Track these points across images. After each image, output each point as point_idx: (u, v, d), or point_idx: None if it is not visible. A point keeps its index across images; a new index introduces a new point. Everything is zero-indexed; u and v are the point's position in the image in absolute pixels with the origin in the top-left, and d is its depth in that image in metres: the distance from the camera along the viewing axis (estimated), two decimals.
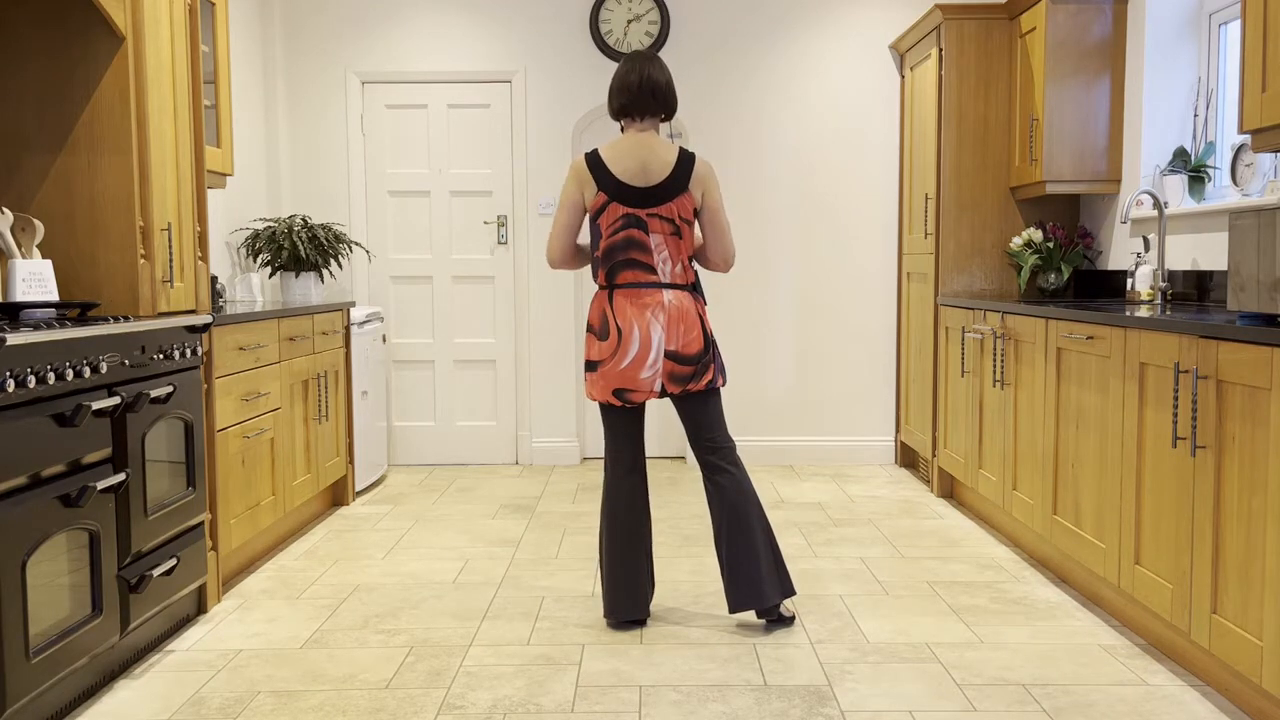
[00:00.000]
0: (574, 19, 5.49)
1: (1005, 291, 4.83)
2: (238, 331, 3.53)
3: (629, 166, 3.05)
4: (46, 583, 2.37)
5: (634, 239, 3.06)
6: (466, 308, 5.64)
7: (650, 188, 3.04)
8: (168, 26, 3.18)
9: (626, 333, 3.05)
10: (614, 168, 3.05)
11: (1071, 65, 4.36)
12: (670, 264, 3.08)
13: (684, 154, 3.07)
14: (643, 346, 3.04)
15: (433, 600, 3.38)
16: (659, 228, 3.06)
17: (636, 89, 3.08)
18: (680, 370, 3.06)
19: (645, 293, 3.06)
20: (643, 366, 3.05)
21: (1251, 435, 2.37)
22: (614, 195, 3.05)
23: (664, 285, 3.07)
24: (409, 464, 5.67)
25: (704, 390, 3.11)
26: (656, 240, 3.06)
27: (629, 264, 3.07)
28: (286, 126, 5.55)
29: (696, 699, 2.60)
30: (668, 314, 3.05)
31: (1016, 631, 3.05)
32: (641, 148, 3.06)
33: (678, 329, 3.05)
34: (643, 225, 3.05)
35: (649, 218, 3.05)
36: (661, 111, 3.12)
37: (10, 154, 3.02)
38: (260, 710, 2.56)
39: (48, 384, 2.38)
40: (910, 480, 5.17)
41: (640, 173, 3.05)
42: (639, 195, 3.04)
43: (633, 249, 3.06)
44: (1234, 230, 2.58)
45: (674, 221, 3.06)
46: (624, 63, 3.14)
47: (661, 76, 3.11)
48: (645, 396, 3.09)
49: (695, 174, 3.06)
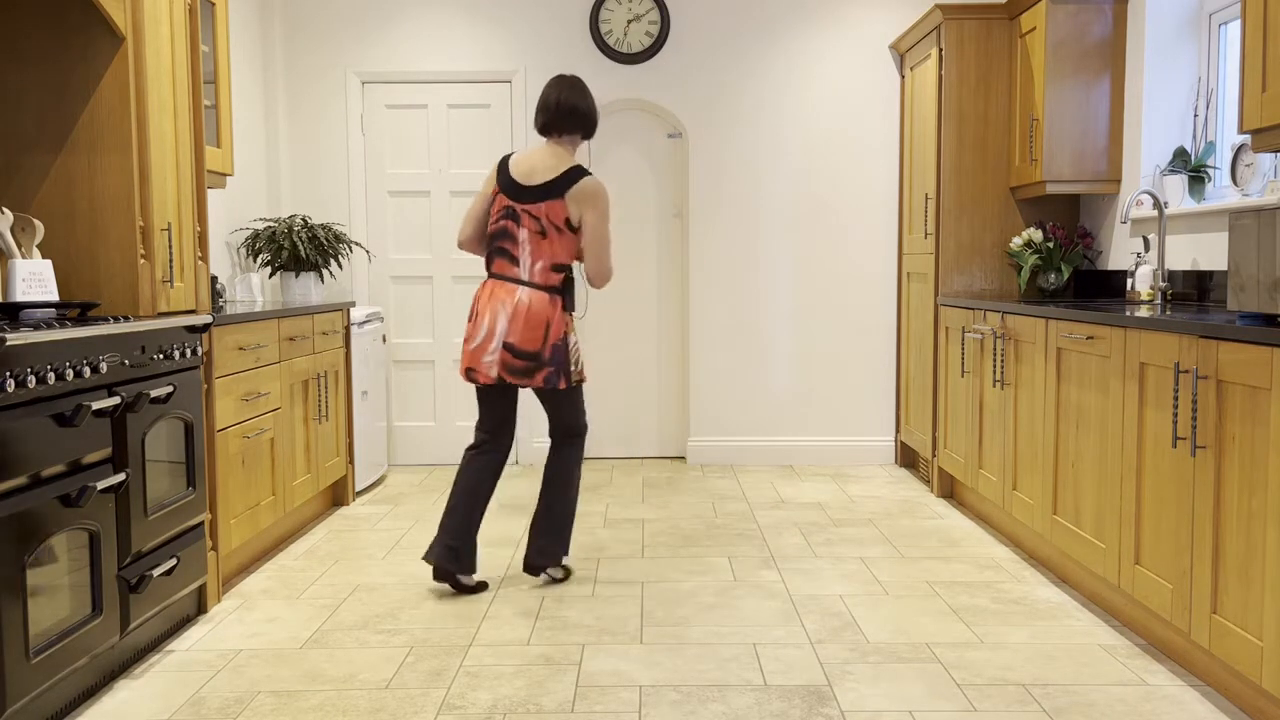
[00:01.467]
0: (574, 19, 5.49)
1: (1005, 291, 4.83)
2: (238, 331, 3.53)
3: (523, 167, 3.40)
4: (46, 583, 2.37)
5: (506, 229, 3.40)
6: (466, 308, 5.63)
7: (528, 186, 3.37)
8: (168, 26, 3.18)
9: (480, 319, 3.38)
10: (512, 166, 3.42)
11: (1071, 65, 4.36)
12: (532, 261, 3.37)
13: (574, 169, 3.38)
14: (487, 333, 3.36)
15: (433, 600, 3.38)
16: (528, 224, 3.37)
17: (554, 110, 3.43)
18: (514, 363, 3.35)
19: (504, 285, 3.38)
20: (484, 351, 3.37)
21: (1251, 435, 2.37)
22: (502, 188, 3.41)
23: (522, 282, 3.37)
24: (409, 464, 5.67)
25: (544, 388, 3.41)
26: (523, 235, 3.37)
27: (499, 253, 3.41)
28: (286, 126, 5.55)
29: (696, 699, 2.60)
30: (515, 309, 3.34)
31: (1016, 631, 3.05)
32: (542, 155, 3.41)
33: (520, 324, 3.33)
34: (516, 218, 3.38)
35: (521, 212, 3.37)
36: (578, 130, 3.46)
37: (10, 154, 3.02)
38: (260, 710, 2.56)
39: (48, 384, 2.38)
40: (910, 480, 5.17)
41: (528, 173, 3.39)
42: (519, 191, 3.38)
43: (504, 239, 3.40)
44: (1234, 230, 2.58)
45: (541, 222, 3.36)
46: (548, 85, 3.47)
47: (582, 103, 3.44)
48: (485, 380, 3.39)
49: (575, 188, 3.35)
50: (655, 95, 5.51)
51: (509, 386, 3.47)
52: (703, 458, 5.63)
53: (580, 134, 3.46)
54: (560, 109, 3.41)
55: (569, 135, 3.45)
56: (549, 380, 3.37)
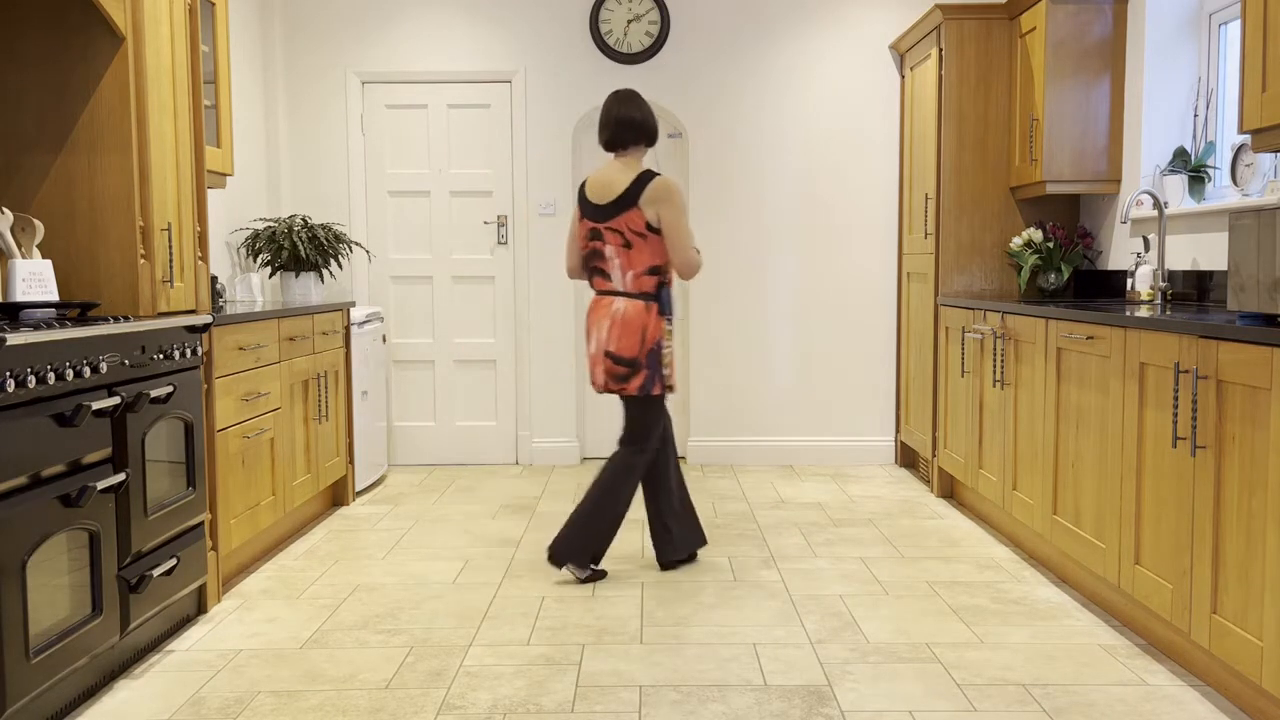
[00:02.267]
0: (574, 19, 5.49)
1: (1005, 291, 4.83)
2: (238, 331, 3.53)
3: (595, 187, 3.54)
4: (46, 583, 2.37)
5: (596, 250, 3.55)
6: (466, 308, 5.64)
7: (604, 204, 3.50)
8: (168, 26, 3.18)
9: (589, 332, 3.56)
10: (587, 189, 3.57)
11: (1071, 65, 4.36)
12: (622, 273, 3.51)
13: (642, 175, 3.48)
14: (595, 346, 3.54)
15: (433, 600, 3.38)
16: (612, 239, 3.50)
17: (614, 125, 3.55)
18: (615, 370, 3.52)
19: (603, 300, 3.55)
20: (595, 363, 3.55)
21: (1251, 435, 2.37)
22: (584, 211, 3.57)
23: (617, 293, 3.52)
24: (409, 464, 5.67)
25: (632, 395, 3.54)
26: (610, 251, 3.51)
27: (595, 272, 3.59)
28: (286, 126, 5.55)
29: (696, 699, 2.60)
30: (612, 319, 3.50)
31: (1016, 631, 3.05)
32: (612, 170, 3.53)
33: (617, 332, 3.49)
34: (601, 237, 3.53)
35: (605, 230, 3.51)
36: (641, 141, 3.57)
37: (10, 154, 3.02)
38: (260, 710, 2.56)
39: (48, 384, 2.38)
40: (910, 480, 5.17)
41: (602, 192, 3.52)
42: (597, 211, 3.52)
43: (596, 259, 3.57)
44: (1234, 230, 2.58)
45: (623, 234, 3.48)
46: (606, 102, 3.60)
47: (636, 114, 3.55)
48: (599, 389, 3.57)
49: (647, 192, 3.45)
50: (655, 95, 5.50)
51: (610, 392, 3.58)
52: (703, 458, 5.63)
53: (643, 144, 3.58)
54: (619, 124, 3.53)
55: (633, 147, 3.57)
56: (643, 387, 3.50)
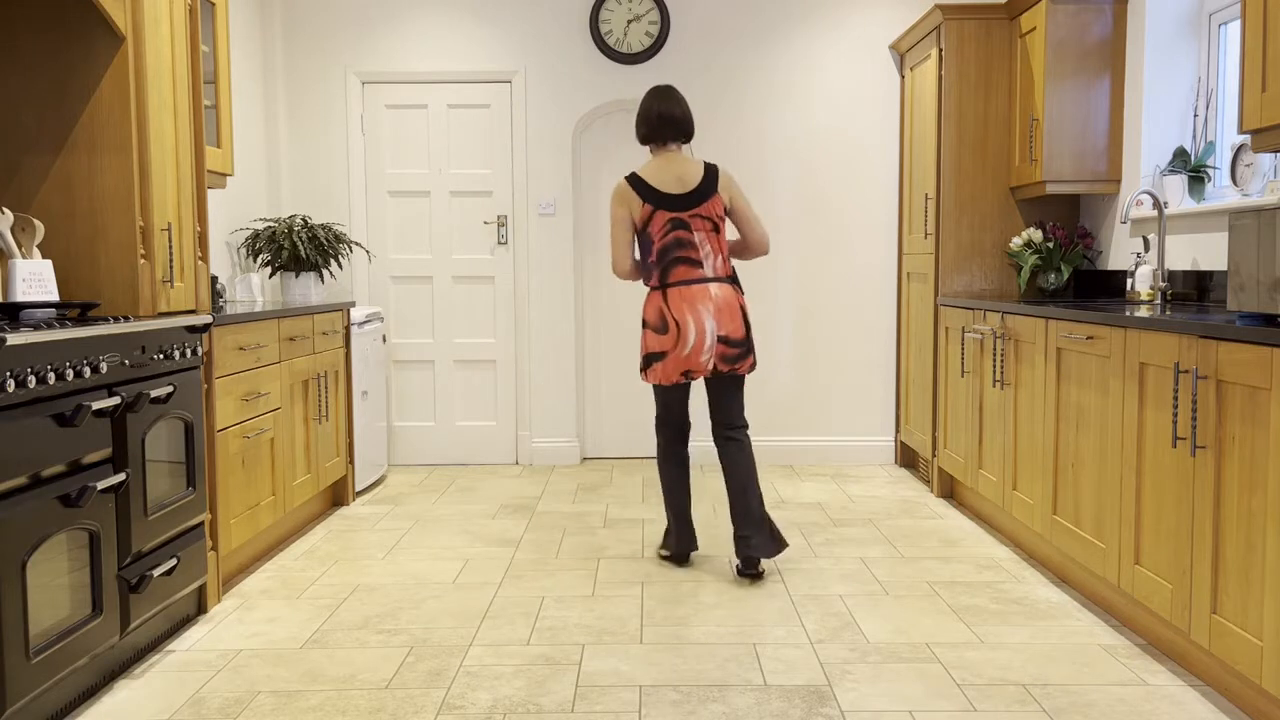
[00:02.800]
0: (574, 19, 5.49)
1: (1005, 291, 4.83)
2: (238, 331, 3.53)
3: (665, 179, 3.60)
4: (46, 583, 2.37)
5: (682, 239, 3.59)
6: (466, 308, 5.64)
7: (688, 193, 3.59)
8: (168, 26, 3.18)
9: (684, 325, 3.55)
10: (653, 182, 3.60)
11: (1071, 65, 4.36)
12: (714, 257, 3.60)
13: (709, 165, 3.63)
14: (699, 335, 3.54)
15: (433, 600, 3.38)
16: (700, 226, 3.59)
17: (656, 120, 3.64)
18: (730, 352, 3.59)
19: (694, 288, 3.57)
20: (701, 351, 3.56)
21: (1251, 435, 2.37)
22: (658, 204, 3.59)
23: (709, 279, 3.58)
24: (409, 464, 5.67)
25: (743, 374, 3.65)
26: (700, 237, 3.59)
27: (679, 262, 3.59)
28: (286, 126, 5.55)
29: (696, 699, 2.60)
30: (716, 305, 3.56)
31: (1016, 631, 3.05)
32: (673, 164, 3.62)
33: (727, 317, 3.56)
34: (686, 226, 3.58)
35: (691, 218, 3.58)
36: (680, 137, 3.67)
37: (10, 154, 3.02)
38: (260, 710, 2.56)
39: (48, 384, 2.38)
40: (910, 480, 5.17)
41: (676, 182, 3.60)
42: (680, 201, 3.58)
43: (683, 248, 3.59)
44: (1234, 230, 2.58)
45: (712, 219, 3.60)
46: (645, 97, 3.69)
47: (677, 110, 3.64)
48: (704, 374, 3.63)
49: (721, 179, 3.63)
50: None
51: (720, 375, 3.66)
52: (703, 458, 5.63)
53: (683, 140, 3.68)
54: (662, 119, 3.62)
55: (672, 142, 3.67)
56: (753, 365, 3.65)
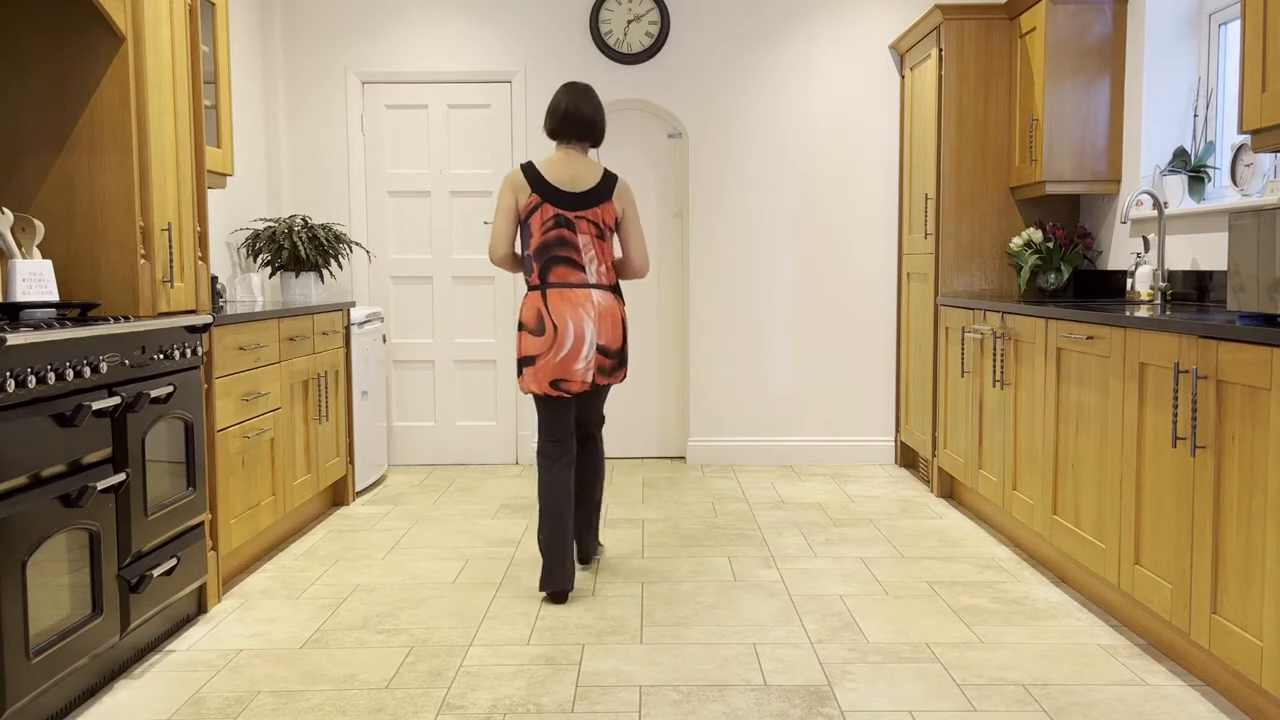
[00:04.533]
0: (574, 19, 5.49)
1: (1005, 291, 4.83)
2: (238, 331, 3.53)
3: (561, 175, 3.43)
4: (46, 582, 2.37)
5: (564, 238, 3.41)
6: (466, 308, 5.64)
7: (579, 193, 3.42)
8: (168, 26, 3.18)
9: (562, 329, 3.37)
10: (547, 175, 3.43)
11: (1071, 65, 4.36)
12: (596, 264, 3.44)
13: (608, 172, 3.48)
14: (576, 341, 3.37)
15: (433, 600, 3.38)
16: (586, 229, 3.42)
17: (563, 117, 3.46)
18: (605, 364, 3.45)
19: (577, 291, 3.40)
20: (577, 359, 3.38)
21: (1251, 435, 2.37)
22: (546, 197, 3.41)
23: (591, 285, 3.43)
24: (409, 464, 5.67)
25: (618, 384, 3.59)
26: (584, 240, 3.42)
27: (560, 261, 3.41)
28: (286, 126, 5.55)
29: (696, 699, 2.60)
30: (599, 311, 3.40)
31: (1016, 631, 3.05)
32: (572, 162, 3.46)
33: (606, 325, 3.42)
34: (571, 226, 3.42)
35: (577, 219, 3.42)
36: (587, 139, 3.50)
37: (10, 154, 3.02)
38: (260, 710, 2.56)
39: (48, 384, 2.38)
40: (910, 480, 5.17)
41: (571, 180, 3.43)
42: (569, 199, 3.42)
43: (563, 247, 3.41)
44: (1234, 230, 2.58)
45: (599, 225, 3.44)
46: (559, 91, 3.51)
47: (587, 108, 3.47)
48: (579, 388, 3.42)
49: (618, 189, 3.47)
50: (655, 95, 5.51)
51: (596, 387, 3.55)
52: (703, 458, 5.63)
53: (589, 142, 3.51)
54: (569, 117, 3.45)
55: (578, 142, 3.49)
56: (624, 376, 3.55)
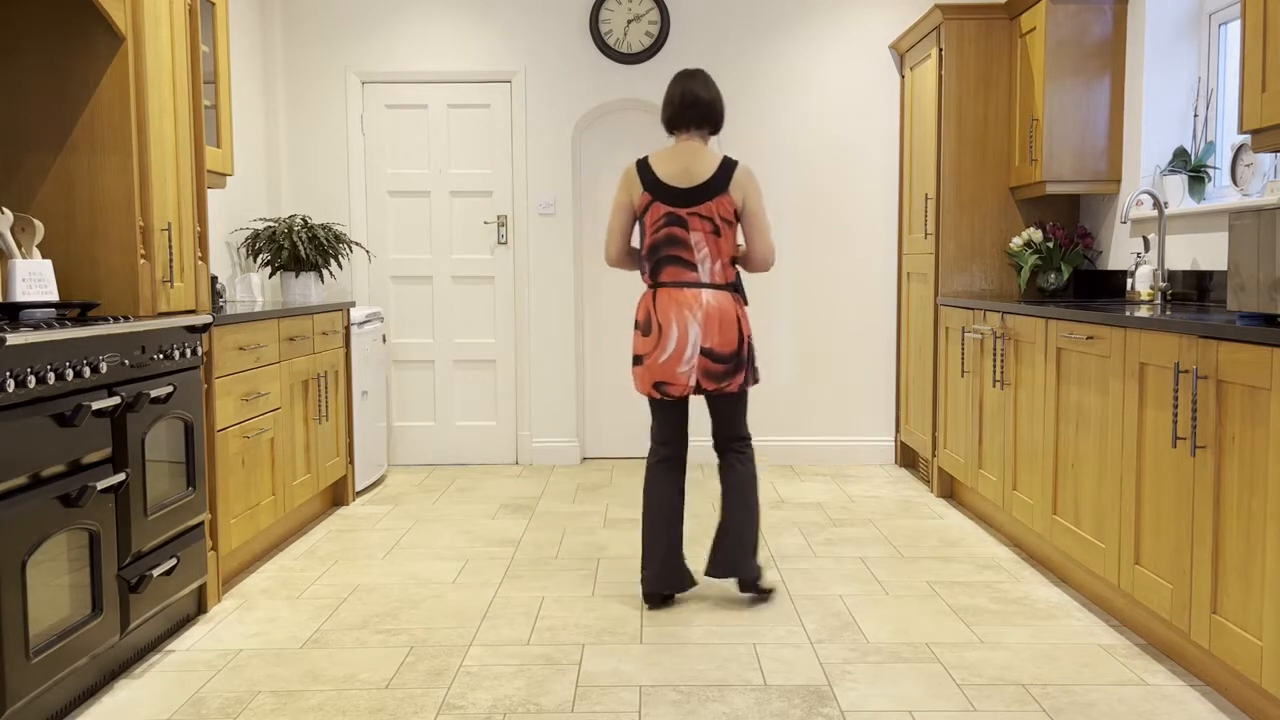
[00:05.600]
0: (574, 19, 5.49)
1: (1005, 291, 4.83)
2: (238, 331, 3.53)
3: (672, 170, 3.27)
4: (46, 583, 2.37)
5: (675, 236, 3.26)
6: (466, 308, 5.64)
7: (691, 188, 3.24)
8: (168, 26, 3.18)
9: (666, 329, 3.23)
10: (658, 170, 3.28)
11: (1071, 65, 4.36)
12: (710, 262, 3.26)
13: (726, 160, 3.28)
14: (680, 342, 3.22)
15: (433, 600, 3.38)
16: (699, 226, 3.25)
17: (679, 104, 3.30)
18: (714, 368, 3.23)
19: (686, 292, 3.24)
20: (680, 362, 3.23)
21: (1251, 435, 2.37)
22: (656, 195, 3.26)
23: (704, 285, 3.25)
24: (409, 464, 5.67)
25: (739, 392, 3.31)
26: (697, 238, 3.25)
27: (670, 260, 3.27)
28: (286, 126, 5.55)
29: (696, 699, 2.60)
30: (705, 312, 3.22)
31: (1016, 631, 3.05)
32: (685, 154, 3.28)
33: (714, 327, 3.22)
34: (683, 224, 3.25)
35: (689, 216, 3.25)
36: (706, 125, 3.33)
37: (10, 154, 3.02)
38: (260, 710, 2.56)
39: (48, 384, 2.38)
40: (910, 480, 5.17)
41: (682, 174, 3.26)
42: (680, 195, 3.25)
43: (674, 245, 3.26)
44: (1234, 230, 2.58)
45: (714, 220, 3.25)
46: (672, 80, 3.36)
47: (704, 92, 3.30)
48: (682, 391, 3.27)
49: (735, 178, 3.25)
50: (655, 95, 5.50)
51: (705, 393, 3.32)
52: (703, 458, 5.63)
53: (708, 129, 3.34)
54: (684, 102, 3.29)
55: (696, 130, 3.32)
56: (744, 384, 3.29)
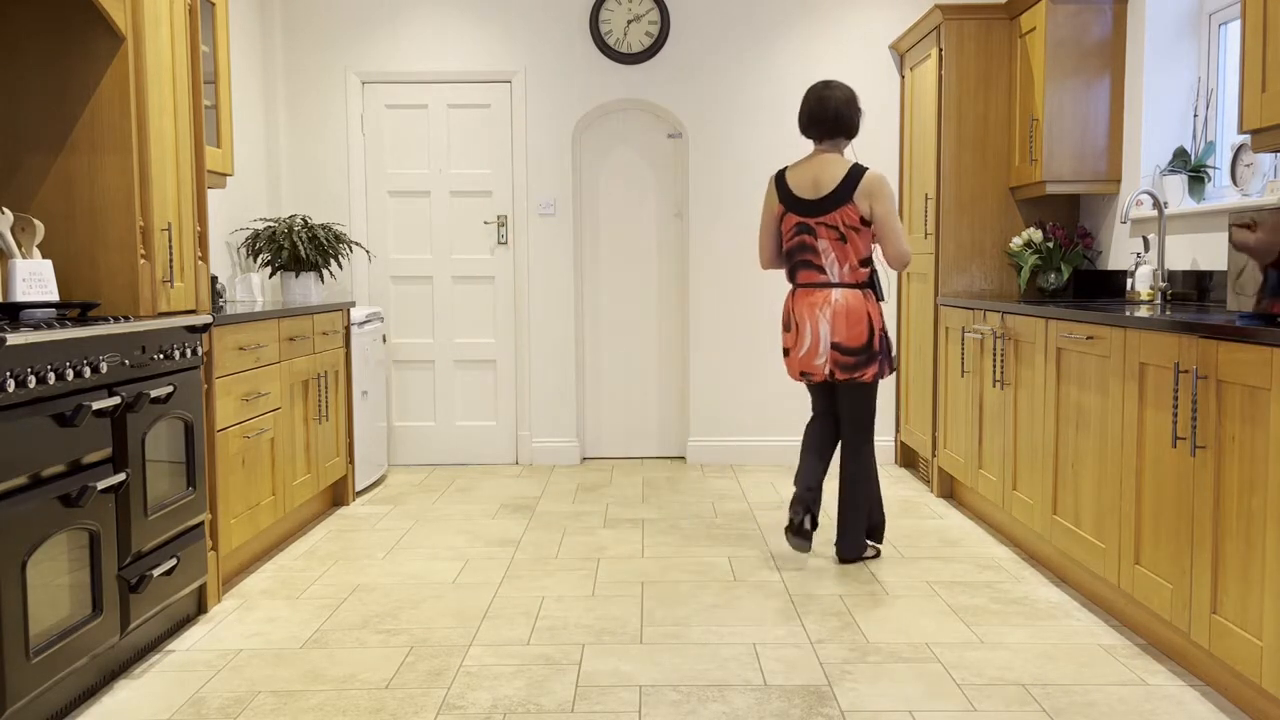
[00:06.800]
0: (574, 19, 5.49)
1: (1005, 291, 4.83)
2: (238, 331, 3.53)
3: (802, 181, 3.57)
4: (46, 583, 2.37)
5: (805, 244, 3.58)
6: (466, 308, 5.64)
7: (817, 199, 3.53)
8: (168, 26, 3.18)
9: (801, 327, 3.59)
10: (791, 182, 3.59)
11: (1071, 65, 4.36)
12: (838, 266, 3.54)
13: (854, 169, 3.52)
14: (813, 339, 3.56)
15: (433, 600, 3.38)
16: (825, 234, 3.53)
17: (806, 121, 3.58)
18: (845, 360, 3.55)
19: (817, 292, 3.56)
20: (815, 355, 3.58)
21: (1251, 435, 2.37)
22: (789, 206, 3.59)
23: (833, 285, 3.55)
24: (409, 464, 5.67)
25: (872, 383, 3.60)
26: (823, 245, 3.54)
27: (803, 265, 3.60)
28: (286, 126, 5.55)
29: (696, 699, 2.60)
30: (834, 310, 3.53)
31: (1016, 631, 3.05)
32: (816, 165, 3.56)
33: (843, 324, 3.52)
34: (812, 232, 3.56)
35: (817, 225, 3.54)
36: (838, 134, 3.58)
37: (10, 154, 3.02)
38: (260, 710, 2.56)
39: (48, 384, 2.38)
40: (910, 480, 5.17)
41: (811, 186, 3.55)
42: (807, 206, 3.55)
43: (805, 252, 3.58)
44: (1234, 230, 2.58)
45: (839, 229, 3.52)
46: (807, 92, 3.61)
47: (830, 103, 3.53)
48: (820, 378, 3.61)
49: (861, 187, 3.50)
50: (655, 95, 5.51)
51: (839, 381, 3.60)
52: (703, 458, 5.63)
53: (843, 136, 3.58)
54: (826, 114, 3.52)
55: (828, 139, 3.58)
56: (878, 374, 3.57)
